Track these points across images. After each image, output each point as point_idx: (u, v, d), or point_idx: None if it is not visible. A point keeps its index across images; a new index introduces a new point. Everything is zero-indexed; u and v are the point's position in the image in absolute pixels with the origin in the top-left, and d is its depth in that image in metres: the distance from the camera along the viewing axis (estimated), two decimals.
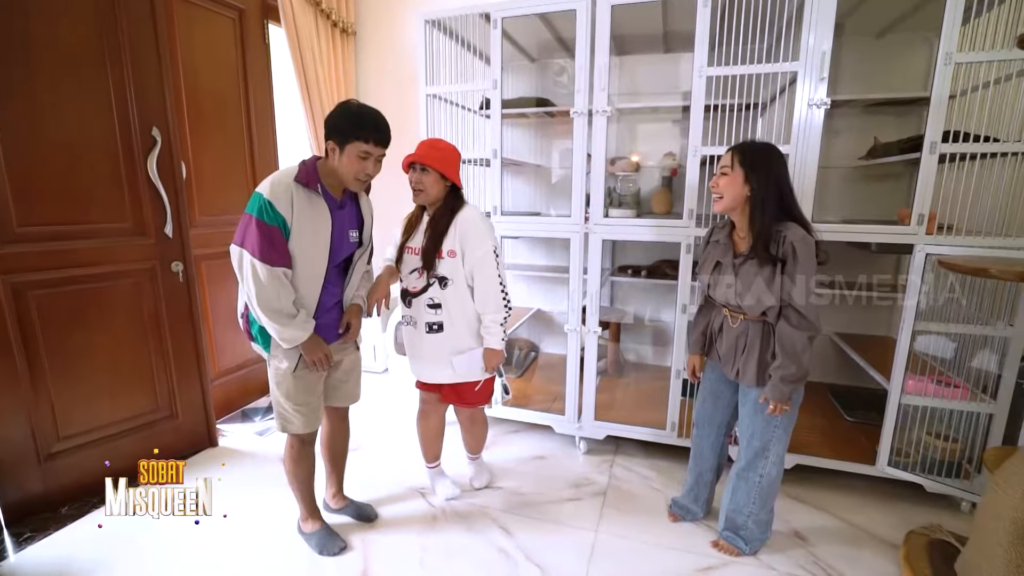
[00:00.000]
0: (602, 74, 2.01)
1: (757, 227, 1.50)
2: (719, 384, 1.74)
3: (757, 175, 1.47)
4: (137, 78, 2.00)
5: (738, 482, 1.68)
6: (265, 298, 1.44)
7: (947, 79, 1.68)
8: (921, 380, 1.89)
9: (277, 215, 1.42)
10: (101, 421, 2.06)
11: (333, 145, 1.48)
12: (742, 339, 1.59)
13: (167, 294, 2.19)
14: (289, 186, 1.45)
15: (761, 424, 1.59)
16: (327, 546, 1.75)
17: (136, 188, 2.05)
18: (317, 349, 1.54)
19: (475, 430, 2.06)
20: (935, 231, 1.80)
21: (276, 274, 1.44)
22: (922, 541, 1.66)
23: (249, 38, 2.69)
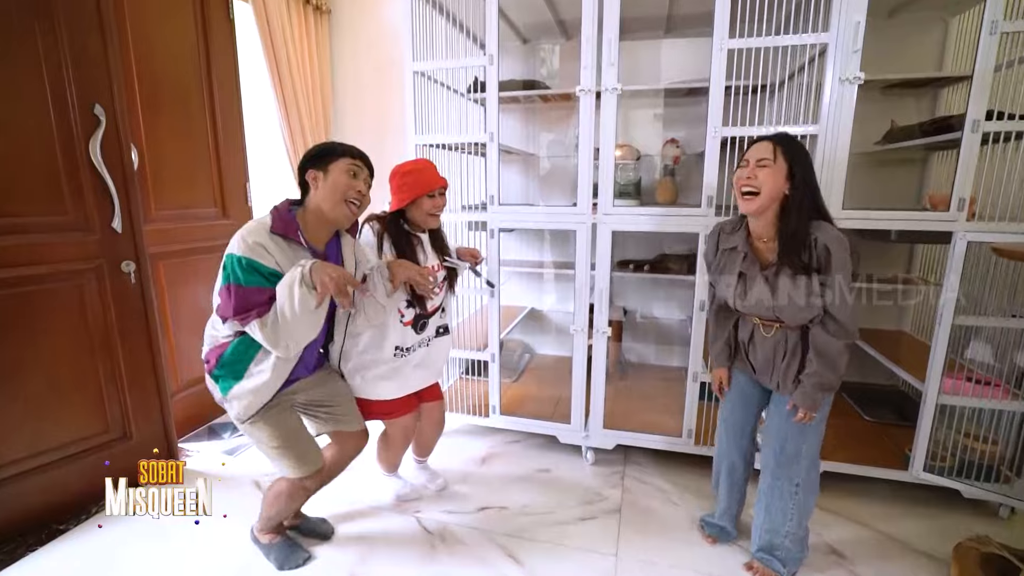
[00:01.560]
0: (612, 48, 1.81)
1: (791, 230, 1.33)
2: (748, 387, 1.59)
3: (802, 171, 1.31)
4: (75, 49, 1.71)
5: (771, 496, 1.51)
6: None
7: (992, 51, 1.54)
8: (957, 379, 1.75)
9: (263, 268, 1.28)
10: (39, 446, 1.76)
11: (315, 173, 1.39)
12: (780, 348, 1.45)
13: (117, 298, 1.90)
14: (262, 241, 1.30)
15: (795, 430, 1.44)
16: (288, 559, 1.59)
17: (76, 175, 1.76)
18: (324, 269, 1.27)
19: (442, 427, 1.97)
20: (975, 217, 1.66)
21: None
22: (973, 555, 1.52)
23: (211, 13, 2.40)
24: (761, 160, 1.33)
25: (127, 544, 1.70)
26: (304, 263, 1.26)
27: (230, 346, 1.37)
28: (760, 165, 1.33)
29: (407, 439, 1.85)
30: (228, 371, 1.38)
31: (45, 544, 1.69)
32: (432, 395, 1.87)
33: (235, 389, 1.38)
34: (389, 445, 1.86)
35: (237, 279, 1.26)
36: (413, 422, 1.82)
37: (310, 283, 1.24)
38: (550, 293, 3.06)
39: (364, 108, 3.16)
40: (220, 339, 1.40)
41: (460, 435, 2.41)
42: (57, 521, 1.78)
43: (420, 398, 1.83)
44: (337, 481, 1.67)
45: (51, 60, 1.66)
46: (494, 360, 2.20)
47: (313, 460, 1.49)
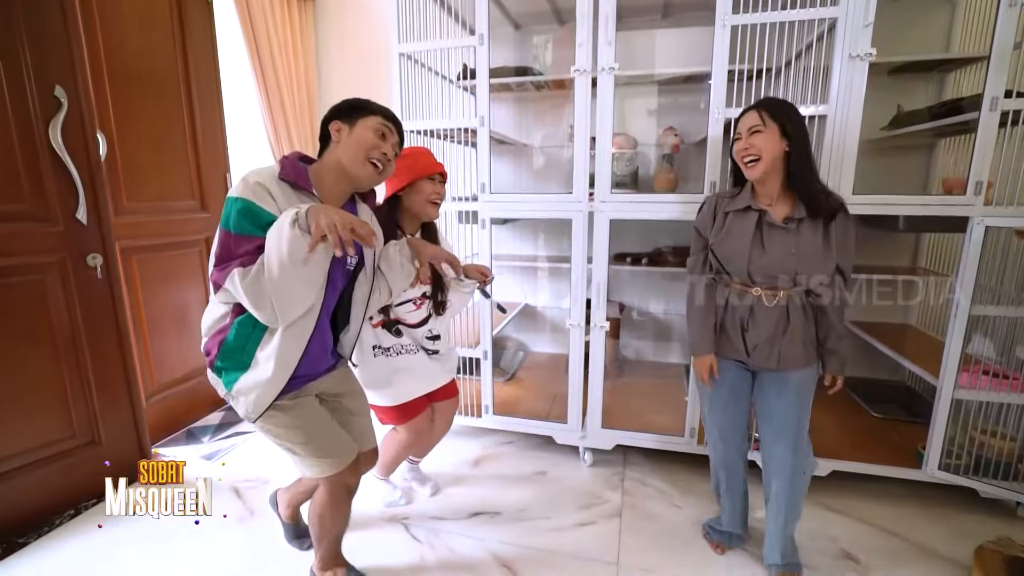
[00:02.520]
0: (609, 24, 1.71)
1: (806, 182, 1.33)
2: (738, 382, 1.48)
3: (795, 129, 1.30)
4: (32, 25, 1.59)
5: (792, 494, 1.42)
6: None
7: (1012, 24, 1.45)
8: (974, 372, 1.67)
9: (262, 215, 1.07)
10: None
11: (339, 125, 1.22)
12: (783, 320, 1.38)
13: (83, 293, 1.78)
14: (265, 183, 1.10)
15: (803, 410, 1.41)
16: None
17: (35, 162, 1.63)
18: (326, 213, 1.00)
19: (451, 423, 1.83)
20: (992, 201, 1.58)
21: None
22: (996, 560, 1.43)
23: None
24: (752, 128, 1.32)
25: (95, 555, 1.57)
26: (303, 205, 1.04)
27: (232, 328, 1.15)
28: (753, 132, 1.32)
29: (420, 441, 1.71)
30: (232, 361, 1.16)
31: (5, 558, 1.56)
32: (445, 393, 1.73)
33: (240, 382, 1.16)
34: (399, 445, 1.71)
35: (227, 224, 1.07)
36: (427, 424, 1.69)
37: (305, 225, 1.01)
38: (544, 289, 2.96)
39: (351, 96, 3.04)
40: (217, 320, 1.18)
41: (451, 436, 2.28)
42: (17, 534, 1.66)
43: (431, 398, 1.70)
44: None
45: (6, 37, 1.54)
46: (487, 358, 2.10)
47: (346, 449, 1.29)
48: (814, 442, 1.77)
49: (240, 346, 1.15)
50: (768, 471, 1.47)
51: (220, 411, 2.55)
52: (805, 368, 1.39)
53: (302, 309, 1.13)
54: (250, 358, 1.16)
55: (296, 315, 1.12)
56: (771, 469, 1.46)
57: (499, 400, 2.29)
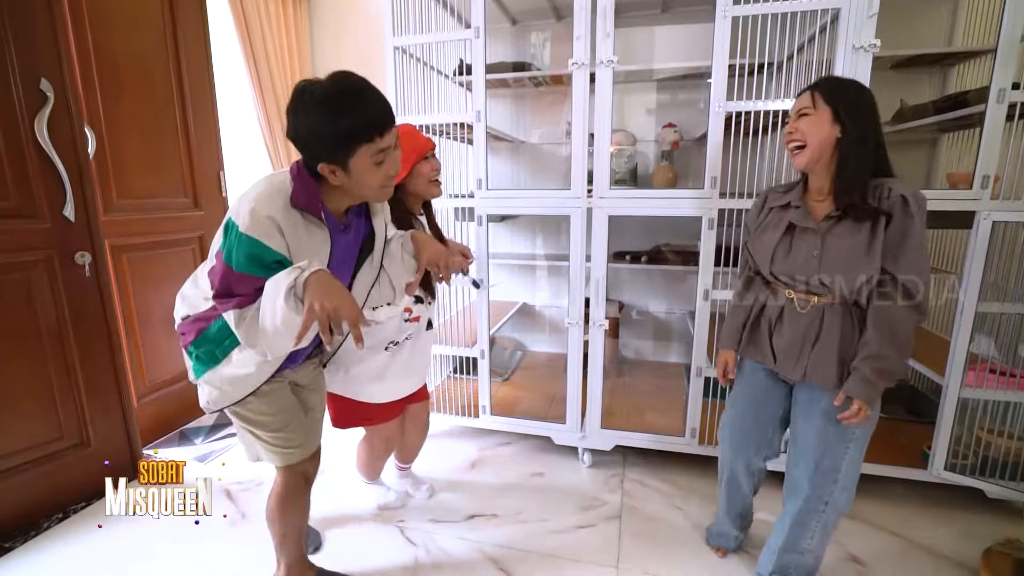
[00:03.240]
0: (608, 16, 1.68)
1: (847, 177, 1.16)
2: (765, 391, 1.37)
3: (849, 112, 1.15)
4: (15, 16, 1.55)
5: (800, 517, 1.32)
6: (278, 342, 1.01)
7: (1019, 15, 1.42)
8: (980, 371, 1.64)
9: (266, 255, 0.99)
10: None
11: (330, 168, 1.01)
12: (813, 328, 1.23)
13: (71, 292, 1.74)
14: (276, 217, 0.99)
15: (834, 438, 1.24)
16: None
17: (20, 157, 1.60)
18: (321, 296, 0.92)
19: (426, 430, 1.81)
20: (998, 196, 1.55)
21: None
22: (1006, 562, 1.40)
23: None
24: (801, 110, 1.21)
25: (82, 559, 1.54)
26: (305, 267, 0.96)
27: (216, 321, 1.11)
28: (801, 115, 1.20)
29: (390, 447, 1.70)
30: (207, 351, 1.13)
31: None
32: (417, 396, 1.70)
33: (209, 374, 1.13)
34: (370, 452, 1.70)
35: (230, 259, 0.99)
36: (397, 429, 1.67)
37: (300, 295, 0.94)
38: (543, 288, 2.93)
39: None
40: (203, 309, 1.14)
41: (448, 438, 2.27)
42: (3, 538, 1.62)
43: (404, 400, 1.67)
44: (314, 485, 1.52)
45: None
46: (483, 357, 2.06)
47: (313, 439, 1.27)
48: None
49: (219, 340, 1.12)
50: (785, 487, 1.37)
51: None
52: (839, 391, 1.21)
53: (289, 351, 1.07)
54: (224, 354, 1.12)
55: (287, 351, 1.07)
56: (787, 487, 1.36)
57: (497, 400, 2.26)
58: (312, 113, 0.97)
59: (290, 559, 1.35)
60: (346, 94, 0.99)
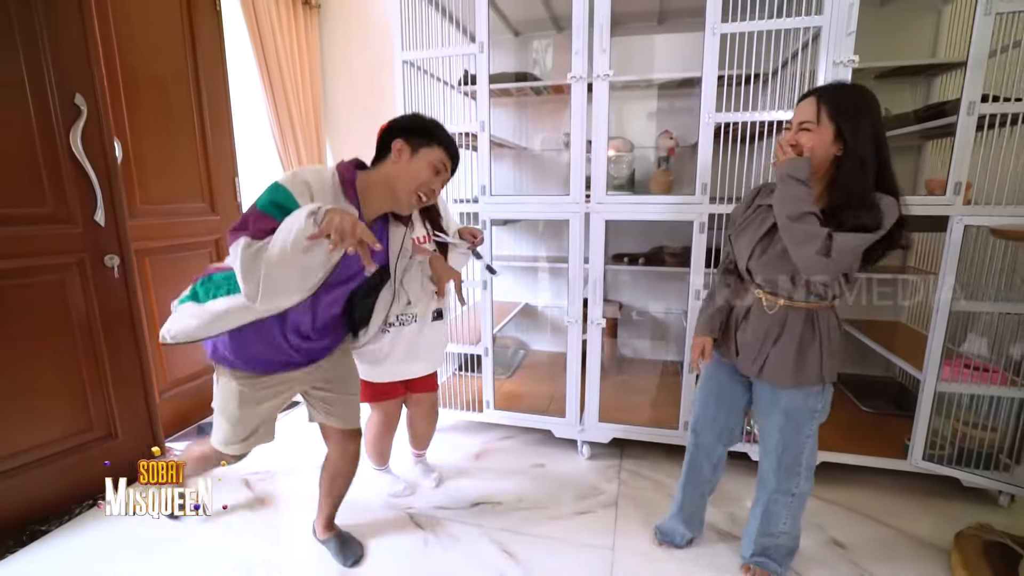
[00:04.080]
0: (604, 33, 1.79)
1: (847, 197, 1.15)
2: (729, 383, 1.46)
3: (854, 129, 1.13)
4: (54, 36, 1.67)
5: (770, 506, 1.43)
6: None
7: (987, 31, 1.52)
8: (955, 366, 1.74)
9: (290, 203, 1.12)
10: (20, 445, 1.72)
11: (402, 145, 1.25)
12: (775, 328, 1.30)
13: (101, 292, 1.86)
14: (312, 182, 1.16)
15: (792, 434, 1.34)
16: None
17: (56, 167, 1.71)
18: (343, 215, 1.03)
19: (434, 418, 1.91)
20: (971, 201, 1.65)
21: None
22: (975, 544, 1.50)
23: (197, 5, 2.37)
24: (804, 123, 1.18)
25: (114, 545, 1.65)
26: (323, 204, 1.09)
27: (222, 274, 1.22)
28: (803, 128, 1.18)
29: (390, 426, 1.81)
30: (202, 287, 1.23)
31: (26, 545, 1.64)
32: (422, 386, 1.78)
33: (187, 305, 1.23)
34: (372, 431, 1.81)
35: (258, 201, 1.14)
36: (396, 409, 1.78)
37: (320, 220, 1.03)
38: (544, 289, 3.03)
39: (355, 103, 3.12)
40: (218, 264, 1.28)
41: (454, 431, 2.38)
42: (39, 522, 1.74)
43: (408, 387, 1.77)
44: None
45: (29, 47, 1.62)
46: (487, 354, 2.17)
47: (247, 448, 1.44)
48: None
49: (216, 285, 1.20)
50: (757, 478, 1.47)
51: None
52: (795, 389, 1.31)
53: (284, 301, 1.16)
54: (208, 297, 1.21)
55: (276, 304, 1.16)
56: (758, 478, 1.46)
57: (500, 396, 2.36)
58: (424, 118, 1.31)
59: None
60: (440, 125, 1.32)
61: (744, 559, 1.53)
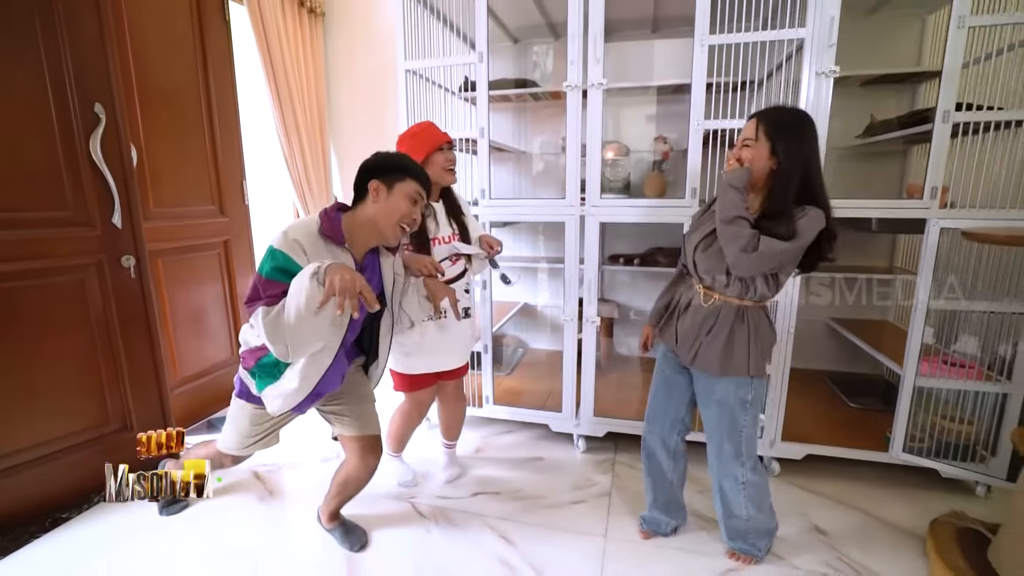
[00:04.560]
0: (597, 44, 1.87)
1: (776, 206, 1.31)
2: (674, 375, 1.57)
3: (786, 147, 1.28)
4: (75, 48, 1.76)
5: (723, 493, 1.53)
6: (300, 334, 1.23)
7: (960, 44, 1.60)
8: (934, 362, 1.81)
9: (291, 266, 1.23)
10: (42, 437, 1.80)
11: (378, 185, 1.35)
12: (710, 320, 1.42)
13: (117, 292, 1.95)
14: (302, 240, 1.26)
15: (728, 424, 1.45)
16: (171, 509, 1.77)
17: (76, 172, 1.80)
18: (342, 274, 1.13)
19: (462, 406, 2.02)
20: (947, 205, 1.73)
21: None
22: (949, 530, 1.57)
23: (207, 15, 2.46)
24: (745, 139, 1.35)
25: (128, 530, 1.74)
26: (327, 261, 1.21)
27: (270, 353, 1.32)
28: (744, 144, 1.35)
29: (420, 415, 1.91)
30: (266, 372, 1.37)
31: (49, 531, 1.73)
32: (451, 375, 1.87)
33: (270, 388, 1.37)
34: (404, 419, 1.90)
35: (262, 270, 1.25)
36: (428, 399, 1.88)
37: (323, 279, 1.15)
38: (544, 289, 3.12)
39: (359, 109, 3.21)
40: (253, 344, 1.39)
41: None
42: (60, 510, 1.83)
43: (440, 378, 1.85)
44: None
45: (52, 59, 1.71)
46: (487, 351, 2.25)
47: (250, 451, 1.56)
48: (792, 429, 1.92)
49: (275, 362, 1.34)
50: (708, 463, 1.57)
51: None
52: (726, 380, 1.41)
53: (312, 348, 1.27)
54: (281, 372, 1.35)
55: (307, 351, 1.27)
56: (708, 463, 1.56)
57: (499, 393, 2.45)
58: (393, 155, 1.42)
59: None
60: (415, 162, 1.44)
61: (725, 544, 1.61)
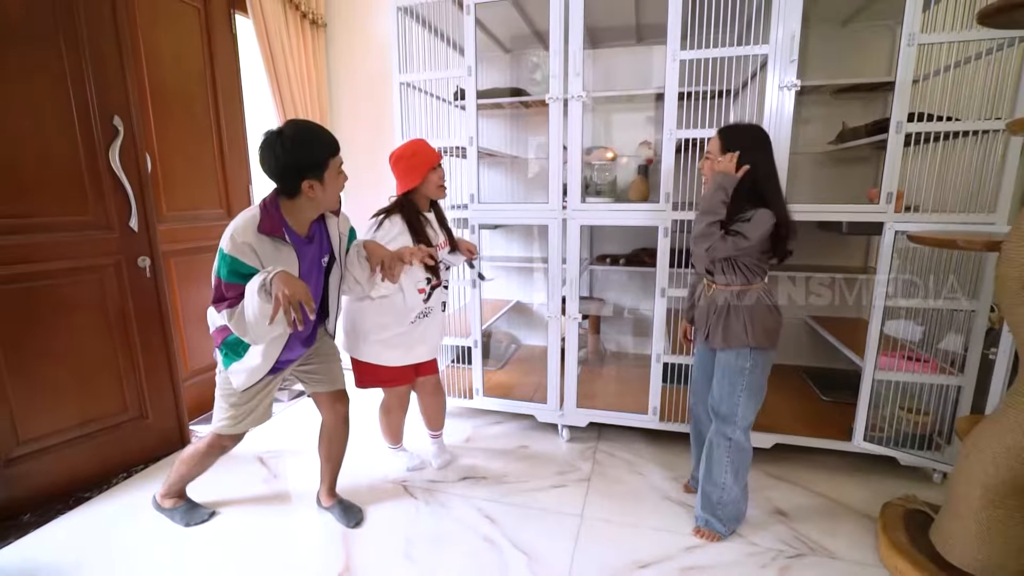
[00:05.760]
0: (576, 59, 2.01)
1: (731, 203, 1.56)
2: (706, 355, 1.79)
3: (739, 158, 1.53)
4: (96, 65, 1.92)
5: (709, 449, 1.71)
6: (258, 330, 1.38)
7: (911, 60, 1.72)
8: (892, 356, 1.93)
9: (244, 268, 1.37)
10: (65, 424, 1.97)
11: (311, 183, 1.42)
12: (713, 305, 1.67)
13: (134, 290, 2.11)
14: (250, 241, 1.38)
15: (727, 388, 1.65)
16: (192, 518, 1.82)
17: (97, 180, 1.96)
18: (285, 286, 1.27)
19: (441, 398, 2.14)
20: (903, 210, 1.85)
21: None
22: (898, 512, 1.70)
23: (215, 28, 2.62)
24: (707, 153, 1.63)
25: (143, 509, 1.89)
26: (271, 270, 1.32)
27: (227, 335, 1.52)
28: (705, 158, 1.62)
29: (403, 407, 2.07)
30: (231, 349, 1.54)
31: (72, 509, 1.89)
32: (427, 369, 2.01)
33: (234, 365, 1.54)
34: (388, 412, 2.07)
35: (220, 273, 1.39)
36: (407, 391, 2.03)
37: (270, 290, 1.29)
38: (539, 288, 3.25)
39: (359, 116, 3.36)
40: (219, 323, 1.53)
41: (449, 417, 2.57)
42: (82, 489, 1.99)
43: (417, 371, 1.99)
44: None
45: (75, 76, 1.87)
46: (476, 346, 2.40)
47: (245, 429, 1.66)
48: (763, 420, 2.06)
49: (239, 341, 1.50)
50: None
51: None
52: (727, 349, 1.64)
53: (275, 334, 1.43)
54: (244, 351, 1.53)
55: (270, 337, 1.44)
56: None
57: (490, 386, 2.59)
58: (293, 150, 1.38)
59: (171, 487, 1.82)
60: (309, 130, 1.43)
61: (696, 519, 1.75)
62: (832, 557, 1.63)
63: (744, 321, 1.60)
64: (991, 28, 1.46)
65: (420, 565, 1.62)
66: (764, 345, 1.60)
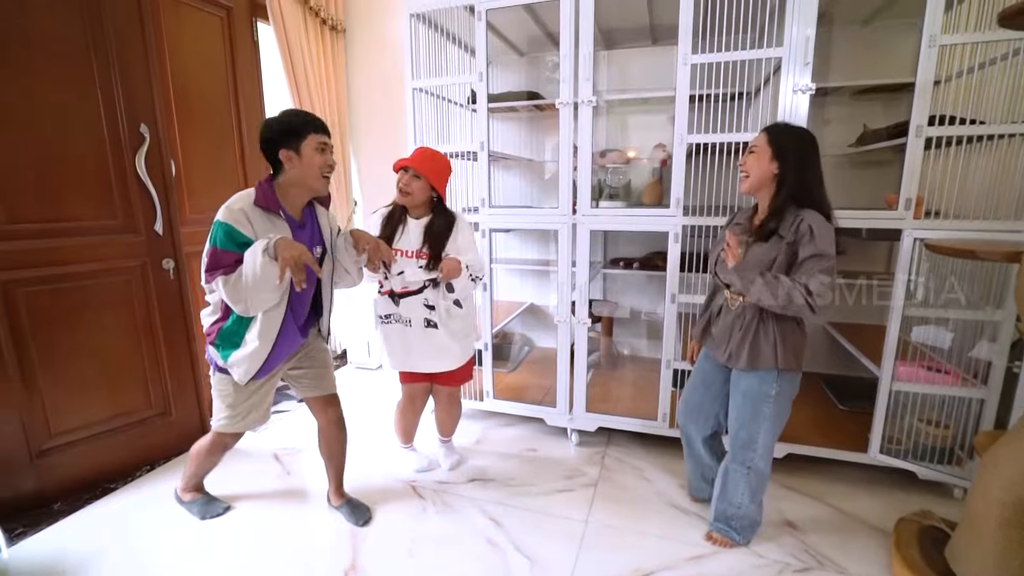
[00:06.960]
0: (586, 64, 2.00)
1: (775, 205, 1.49)
2: (712, 372, 1.72)
3: (785, 154, 1.47)
4: (124, 74, 2.00)
5: (727, 474, 1.66)
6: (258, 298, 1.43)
7: (932, 62, 1.67)
8: (911, 366, 1.87)
9: (239, 237, 1.41)
10: (94, 418, 2.07)
11: (288, 154, 1.48)
12: (739, 321, 1.57)
13: (159, 291, 2.19)
14: (245, 209, 1.44)
15: (749, 414, 1.57)
16: (208, 511, 1.89)
17: (125, 185, 2.05)
18: (288, 249, 1.34)
19: (453, 410, 2.16)
20: (923, 216, 1.79)
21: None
22: (912, 528, 1.65)
23: (237, 36, 2.70)
24: (751, 147, 1.54)
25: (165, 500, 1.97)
26: (272, 236, 1.38)
27: (229, 318, 1.53)
28: (750, 151, 1.54)
29: (414, 409, 2.11)
30: (227, 341, 1.55)
31: (100, 499, 1.99)
32: (443, 380, 2.01)
33: (233, 356, 1.55)
34: (400, 411, 2.13)
35: (215, 241, 1.41)
36: (420, 393, 2.07)
37: (273, 255, 1.35)
38: (554, 291, 3.24)
39: (377, 120, 3.42)
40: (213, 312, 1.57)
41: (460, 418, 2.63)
42: (109, 481, 2.09)
43: (432, 379, 2.03)
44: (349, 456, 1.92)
45: (105, 87, 1.96)
46: (487, 349, 2.41)
47: (247, 427, 1.69)
48: None
49: (234, 331, 1.54)
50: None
51: None
52: (751, 373, 1.54)
53: (269, 304, 1.48)
54: (240, 339, 1.55)
55: (264, 307, 1.48)
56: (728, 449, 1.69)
57: (501, 388, 2.60)
58: (273, 123, 1.50)
59: (188, 482, 1.89)
60: (299, 112, 1.56)
61: (709, 525, 1.74)
62: (841, 572, 1.59)
63: (774, 339, 1.50)
64: (1012, 30, 1.40)
65: (423, 565, 1.65)
66: (793, 367, 1.52)
